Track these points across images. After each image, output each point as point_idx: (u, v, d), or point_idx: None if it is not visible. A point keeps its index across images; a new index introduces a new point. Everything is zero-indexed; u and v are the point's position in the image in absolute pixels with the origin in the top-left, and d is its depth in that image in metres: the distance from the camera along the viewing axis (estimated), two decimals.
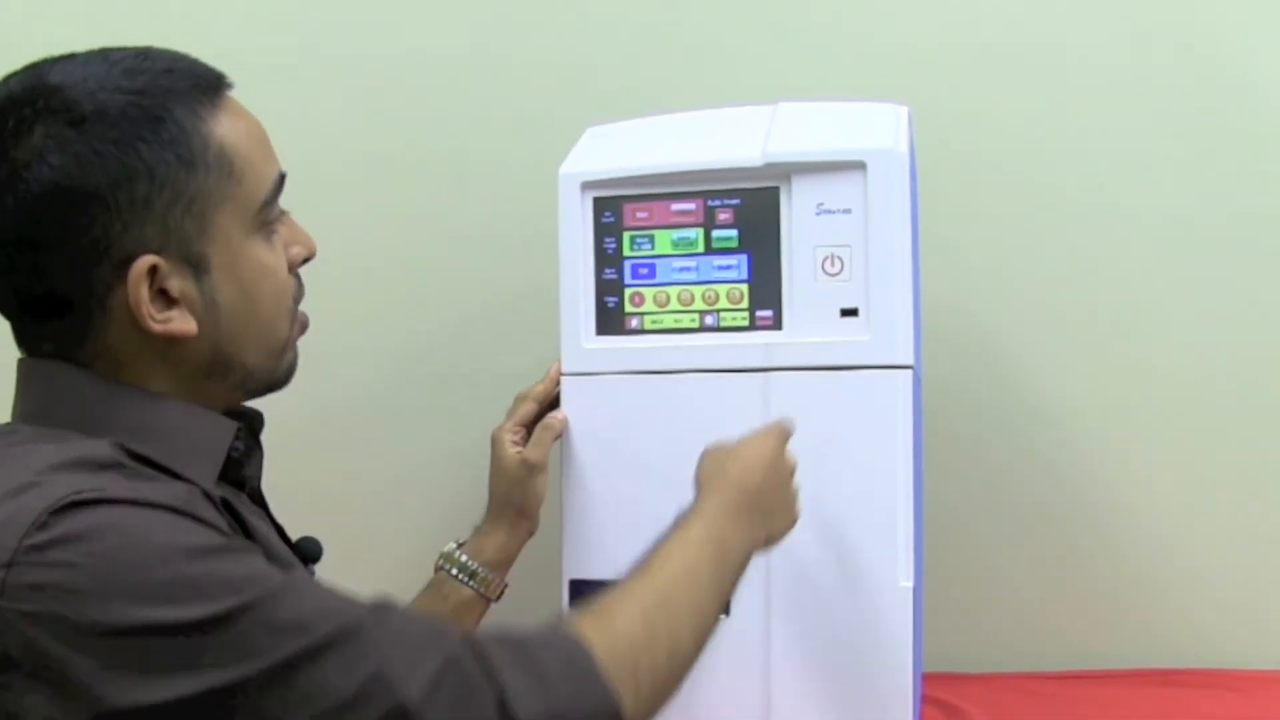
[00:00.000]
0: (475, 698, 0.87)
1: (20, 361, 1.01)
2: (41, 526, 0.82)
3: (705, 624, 1.07)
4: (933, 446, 1.59)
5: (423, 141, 1.88)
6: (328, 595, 0.89)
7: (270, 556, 0.97)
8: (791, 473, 1.27)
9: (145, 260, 0.94)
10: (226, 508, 0.97)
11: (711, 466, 1.22)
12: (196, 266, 0.98)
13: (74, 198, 0.92)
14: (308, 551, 1.11)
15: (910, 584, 1.33)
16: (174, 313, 0.97)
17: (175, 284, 0.96)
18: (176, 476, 0.94)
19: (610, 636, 0.96)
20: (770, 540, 1.22)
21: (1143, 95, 1.77)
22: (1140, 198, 1.78)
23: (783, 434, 1.28)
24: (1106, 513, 1.81)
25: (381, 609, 0.90)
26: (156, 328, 0.95)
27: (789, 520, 1.26)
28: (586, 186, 1.42)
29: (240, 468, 1.06)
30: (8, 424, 1.00)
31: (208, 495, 0.94)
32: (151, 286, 0.95)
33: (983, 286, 1.80)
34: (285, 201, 1.09)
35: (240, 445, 1.05)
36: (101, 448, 0.90)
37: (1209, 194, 1.76)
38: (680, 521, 1.13)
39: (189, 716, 0.81)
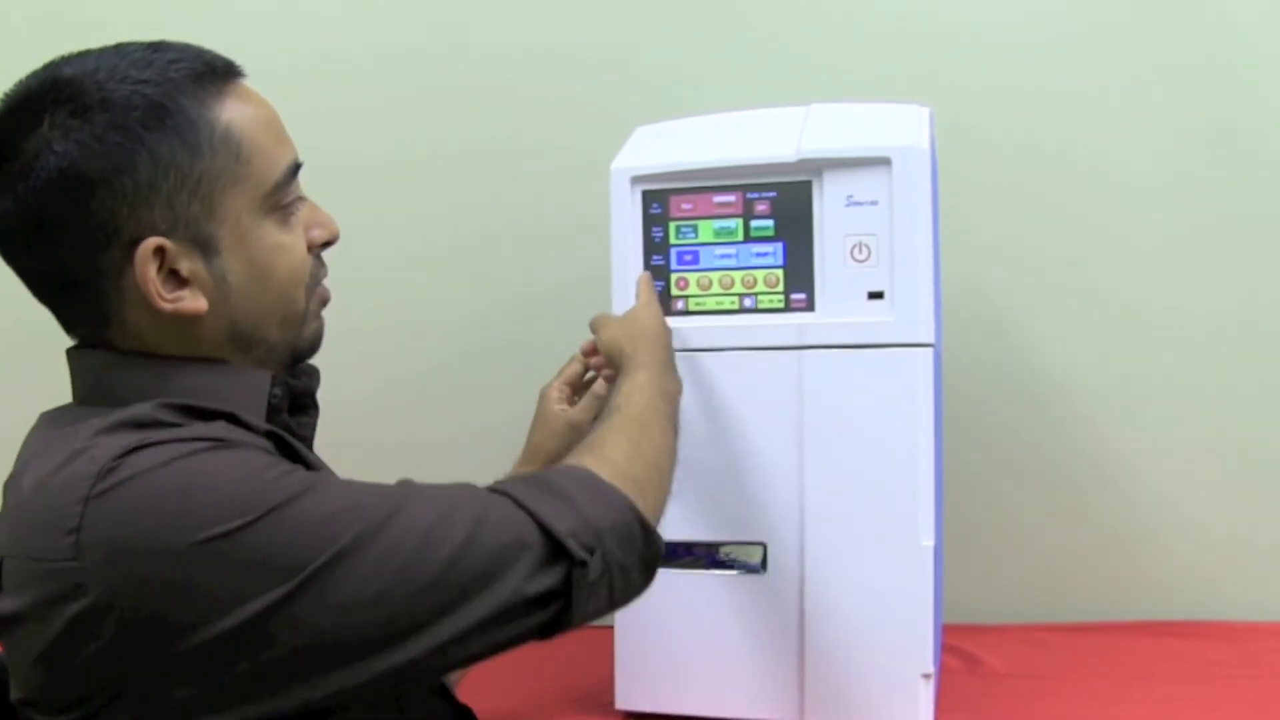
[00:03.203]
0: (517, 528, 0.92)
1: (67, 351, 1.00)
2: (96, 485, 0.82)
3: (672, 447, 1.19)
4: (952, 417, 1.60)
5: (490, 138, 1.88)
6: (362, 484, 0.91)
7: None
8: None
9: (150, 242, 0.91)
10: (275, 440, 0.95)
11: (622, 335, 1.31)
12: (205, 247, 0.94)
13: (79, 183, 0.89)
14: None
15: (931, 543, 1.35)
16: (184, 292, 0.93)
17: (185, 265, 0.93)
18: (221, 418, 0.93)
19: (609, 462, 1.03)
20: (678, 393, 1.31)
21: (1155, 88, 1.77)
22: (1144, 189, 1.78)
23: (652, 289, 1.42)
24: (1112, 478, 1.81)
25: (409, 484, 0.94)
26: (166, 307, 0.92)
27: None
28: (636, 181, 1.43)
29: (280, 414, 1.01)
30: (67, 405, 0.99)
31: (249, 426, 0.93)
32: (161, 268, 0.92)
33: (998, 272, 1.80)
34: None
35: (278, 392, 1.00)
36: (142, 409, 0.89)
37: (1214, 184, 1.77)
38: (627, 375, 1.23)
39: (277, 625, 0.82)
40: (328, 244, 1.06)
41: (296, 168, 1.01)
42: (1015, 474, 1.83)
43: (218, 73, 0.96)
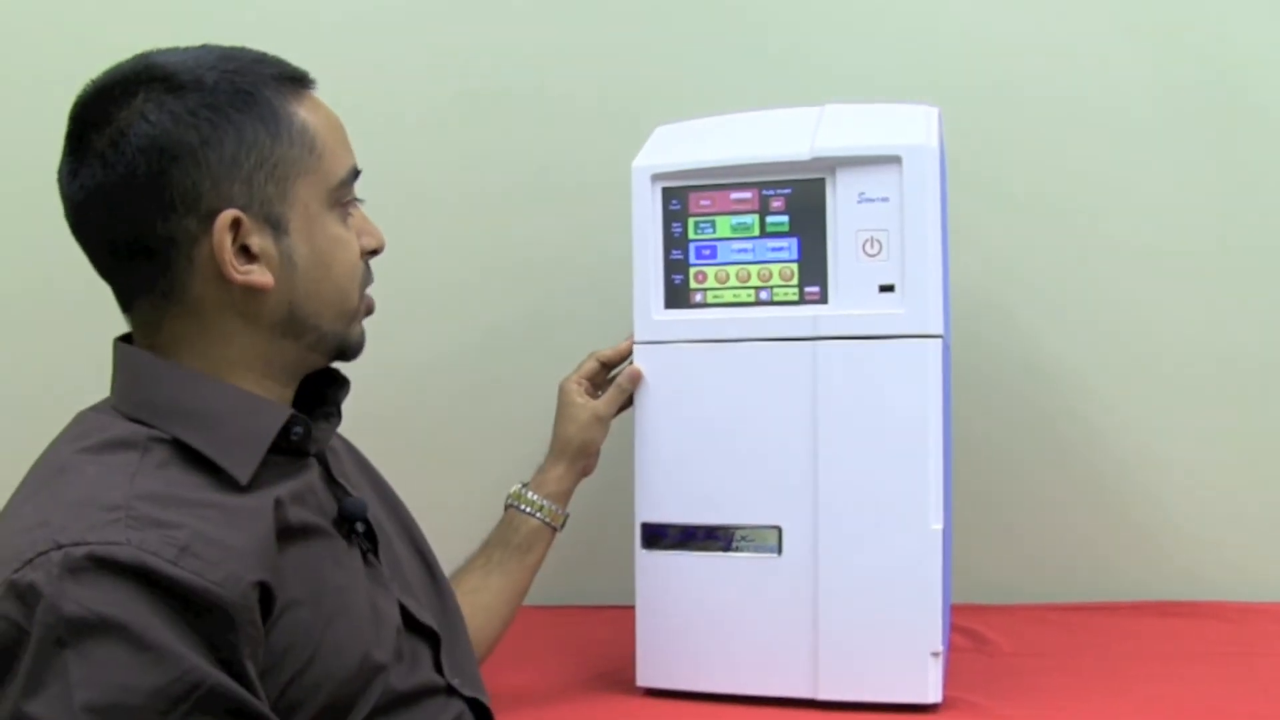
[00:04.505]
0: None
1: (114, 341, 1.03)
2: (17, 571, 0.82)
3: None
4: (960, 405, 1.61)
5: (515, 137, 1.90)
6: None
7: (315, 532, 1.00)
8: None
9: (229, 213, 0.94)
10: (277, 457, 0.98)
11: None
12: (276, 227, 0.98)
13: (169, 151, 0.93)
14: (352, 511, 1.07)
15: (940, 526, 1.36)
16: (254, 267, 0.97)
17: (256, 241, 0.97)
18: (215, 467, 0.94)
19: None
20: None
21: (1157, 88, 1.78)
22: (1146, 185, 1.79)
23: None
24: (1115, 463, 1.83)
25: None
26: (237, 277, 0.96)
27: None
28: (656, 178, 1.45)
29: (303, 442, 1.03)
30: (91, 414, 1.00)
31: (238, 482, 0.94)
32: (234, 241, 0.96)
33: (1004, 266, 1.82)
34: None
35: (301, 430, 1.02)
36: (117, 490, 0.88)
37: (1217, 181, 1.78)
38: None
39: None
40: (374, 253, 1.10)
41: (356, 173, 1.06)
42: (1021, 459, 1.84)
43: (295, 78, 1.03)
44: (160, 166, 0.93)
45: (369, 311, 1.11)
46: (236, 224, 0.96)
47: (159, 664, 0.81)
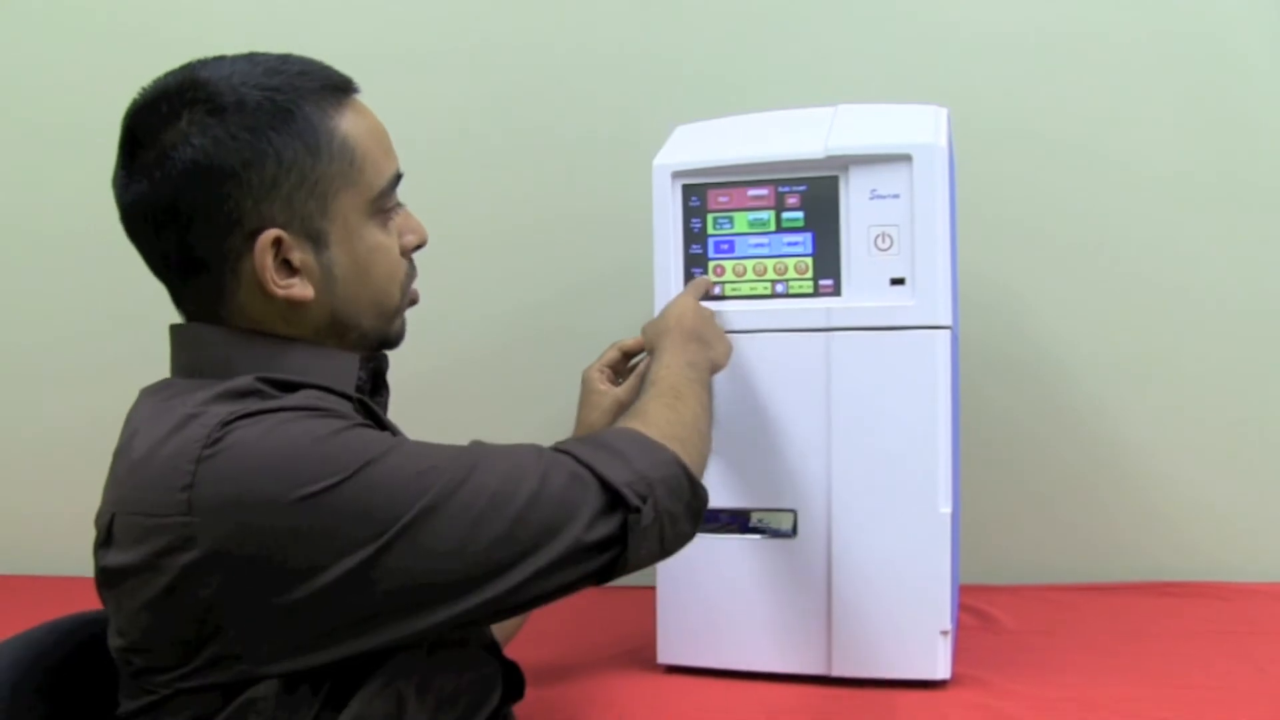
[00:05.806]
0: (577, 481, 0.97)
1: (171, 327, 1.03)
2: (206, 449, 0.87)
3: (707, 407, 1.24)
4: (968, 393, 1.64)
5: (541, 137, 1.94)
6: (439, 445, 0.97)
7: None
8: (711, 314, 1.41)
9: (270, 233, 0.95)
10: (363, 407, 1.00)
11: (654, 328, 1.36)
12: (316, 241, 0.98)
13: (212, 174, 0.93)
14: None
15: (948, 510, 1.39)
16: (295, 280, 0.98)
17: (297, 255, 0.97)
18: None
19: (653, 425, 1.09)
20: (717, 362, 1.36)
21: (1159, 89, 1.81)
22: (1148, 183, 1.82)
23: (697, 288, 1.44)
24: (1117, 450, 1.86)
25: (480, 444, 1.01)
26: (279, 292, 0.97)
27: (726, 347, 1.39)
28: (676, 176, 1.47)
29: (363, 393, 1.05)
30: (165, 380, 1.02)
31: (339, 394, 0.99)
32: (276, 257, 0.96)
33: (1010, 259, 1.85)
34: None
35: (363, 375, 1.05)
36: (243, 381, 0.93)
37: (1218, 179, 1.81)
38: (656, 358, 1.29)
39: (374, 573, 0.88)
40: (418, 248, 1.10)
41: (398, 178, 1.06)
42: (1026, 446, 1.87)
43: (338, 87, 1.01)
44: (205, 189, 0.94)
45: (413, 303, 1.12)
46: (278, 242, 0.97)
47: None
